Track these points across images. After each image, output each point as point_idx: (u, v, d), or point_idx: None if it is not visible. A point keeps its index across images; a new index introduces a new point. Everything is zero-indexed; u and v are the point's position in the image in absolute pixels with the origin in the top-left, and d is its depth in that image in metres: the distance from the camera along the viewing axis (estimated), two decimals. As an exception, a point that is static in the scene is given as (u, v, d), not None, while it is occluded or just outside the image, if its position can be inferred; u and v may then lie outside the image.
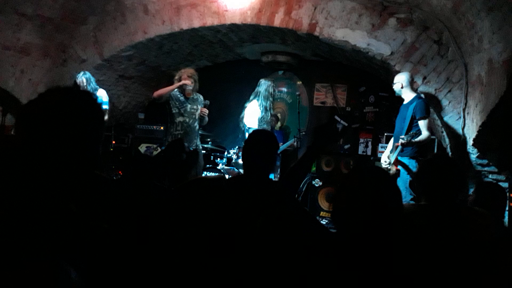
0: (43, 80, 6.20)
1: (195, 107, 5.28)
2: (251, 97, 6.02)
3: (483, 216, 2.20)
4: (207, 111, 5.31)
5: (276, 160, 2.64)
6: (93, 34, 6.32)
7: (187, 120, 5.19)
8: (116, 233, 1.17)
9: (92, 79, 5.74)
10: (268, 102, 5.90)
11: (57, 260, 0.93)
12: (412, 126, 4.46)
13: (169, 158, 2.94)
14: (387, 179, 1.57)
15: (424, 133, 4.36)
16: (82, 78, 5.60)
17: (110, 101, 6.26)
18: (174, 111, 5.16)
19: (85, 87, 5.60)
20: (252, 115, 5.87)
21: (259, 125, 5.79)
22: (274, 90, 6.02)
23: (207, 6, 5.61)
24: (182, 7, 5.75)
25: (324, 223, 5.28)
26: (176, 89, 5.17)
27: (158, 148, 6.86)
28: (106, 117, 5.79)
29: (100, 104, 1.22)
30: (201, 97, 5.41)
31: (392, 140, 5.03)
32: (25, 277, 0.88)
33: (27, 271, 0.88)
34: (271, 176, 5.53)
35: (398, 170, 4.51)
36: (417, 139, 4.27)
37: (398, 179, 4.48)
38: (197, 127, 5.34)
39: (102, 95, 5.87)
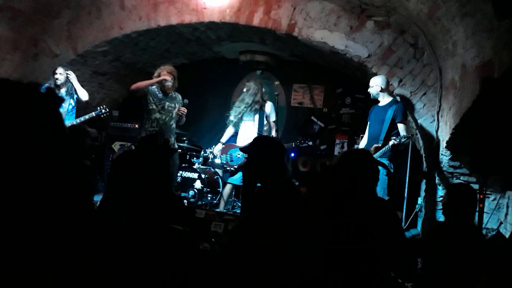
0: (13, 75, 5.98)
1: (172, 105, 5.27)
2: (241, 96, 5.86)
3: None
4: (185, 111, 5.29)
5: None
6: (67, 28, 6.14)
7: (164, 117, 5.16)
8: None
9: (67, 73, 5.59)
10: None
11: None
12: (392, 128, 4.56)
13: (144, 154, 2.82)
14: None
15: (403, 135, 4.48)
16: (63, 70, 5.45)
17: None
18: (150, 107, 5.10)
19: (60, 76, 5.46)
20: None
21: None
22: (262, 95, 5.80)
23: (185, 3, 5.55)
24: (160, 3, 5.66)
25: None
26: (155, 85, 5.12)
27: (132, 146, 6.74)
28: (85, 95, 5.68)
29: (50, 96, 1.14)
30: (180, 96, 5.40)
31: (364, 140, 5.11)
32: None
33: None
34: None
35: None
36: (405, 141, 4.40)
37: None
38: (173, 125, 5.31)
39: (82, 94, 5.71)
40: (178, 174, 6.15)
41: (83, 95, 5.68)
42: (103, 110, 5.58)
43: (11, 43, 5.85)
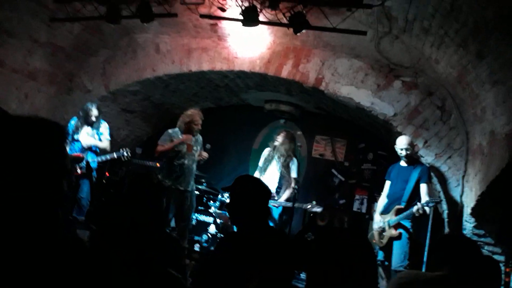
0: (45, 107, 6.20)
1: (195, 148, 5.33)
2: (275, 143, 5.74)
3: None
4: (207, 156, 5.36)
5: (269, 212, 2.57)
6: (102, 66, 6.40)
7: (186, 161, 5.25)
8: None
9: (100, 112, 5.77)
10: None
11: None
12: (416, 189, 4.48)
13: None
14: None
15: (426, 199, 4.38)
16: (94, 107, 5.61)
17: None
18: (173, 155, 5.20)
19: (94, 117, 5.61)
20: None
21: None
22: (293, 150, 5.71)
23: (218, 51, 5.74)
24: (193, 50, 5.87)
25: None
26: (179, 132, 5.28)
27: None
28: (104, 145, 5.75)
29: (62, 134, 1.23)
30: (201, 138, 5.51)
31: (382, 199, 4.98)
32: None
33: None
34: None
35: (399, 233, 4.46)
36: (431, 207, 4.30)
37: (398, 242, 4.42)
38: (195, 169, 5.41)
39: (103, 127, 5.86)
40: (194, 217, 6.11)
41: (105, 145, 5.80)
42: (125, 154, 5.67)
43: (48, 76, 6.11)
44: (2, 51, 5.39)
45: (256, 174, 5.82)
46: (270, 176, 5.62)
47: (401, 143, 4.66)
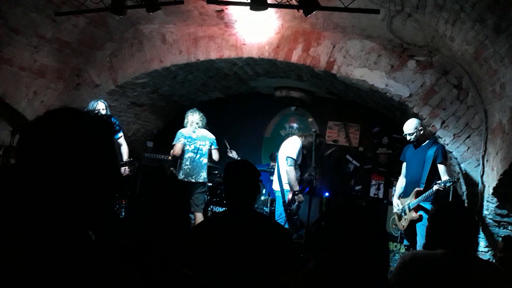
0: (55, 103, 6.17)
1: (203, 143, 5.78)
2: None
3: (499, 272, 2.08)
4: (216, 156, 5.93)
5: (259, 191, 2.57)
6: (109, 60, 6.34)
7: (194, 156, 5.69)
8: None
9: (108, 108, 5.68)
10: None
11: None
12: (433, 170, 4.37)
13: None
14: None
15: (446, 178, 4.29)
16: (99, 102, 5.51)
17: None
18: (185, 148, 5.66)
19: (102, 111, 5.52)
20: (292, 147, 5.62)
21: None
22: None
23: (225, 38, 5.63)
24: (200, 39, 5.77)
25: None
26: (187, 128, 5.78)
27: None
28: (124, 146, 5.69)
29: (114, 133, 1.08)
30: (210, 134, 5.84)
31: (401, 181, 4.89)
32: None
33: None
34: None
35: (419, 216, 4.37)
36: (450, 185, 4.21)
37: (420, 224, 4.34)
38: (204, 162, 5.74)
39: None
40: (209, 209, 6.07)
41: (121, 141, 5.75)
42: (128, 163, 5.67)
43: (56, 72, 6.08)
44: (10, 50, 5.35)
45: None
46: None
47: (407, 128, 4.58)
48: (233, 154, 6.84)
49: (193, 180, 5.58)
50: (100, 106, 5.45)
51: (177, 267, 1.99)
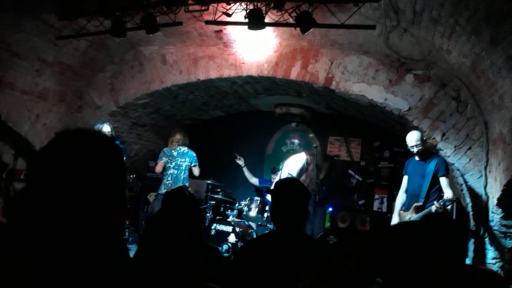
0: (57, 126, 6.22)
1: (183, 159, 6.21)
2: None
3: (494, 278, 2.05)
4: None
5: (308, 212, 2.49)
6: (110, 81, 6.41)
7: (175, 171, 6.13)
8: None
9: (113, 130, 5.76)
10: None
11: None
12: (434, 183, 4.36)
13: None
14: None
15: (448, 192, 4.27)
16: (105, 125, 5.58)
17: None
18: (167, 165, 6.16)
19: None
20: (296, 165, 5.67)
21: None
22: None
23: (225, 58, 5.70)
24: (200, 59, 5.84)
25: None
26: (172, 147, 6.27)
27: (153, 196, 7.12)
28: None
29: (122, 155, 1.08)
30: (191, 152, 6.27)
31: (401, 195, 4.88)
32: None
33: None
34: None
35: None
36: (449, 206, 4.17)
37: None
38: (183, 177, 6.17)
39: None
40: (212, 227, 6.05)
41: None
42: (131, 180, 6.02)
43: (58, 95, 6.14)
44: (12, 74, 5.42)
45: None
46: None
47: (411, 140, 4.56)
48: (241, 162, 7.07)
49: None
50: (106, 129, 5.54)
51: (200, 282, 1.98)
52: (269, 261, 2.15)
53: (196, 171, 6.31)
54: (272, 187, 2.52)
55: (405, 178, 4.90)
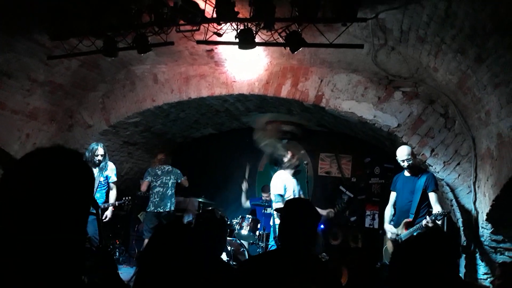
0: (47, 145, 6.16)
1: (168, 177, 6.53)
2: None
3: None
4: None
5: (317, 234, 2.49)
6: (102, 100, 6.41)
7: (161, 189, 6.43)
8: None
9: (107, 154, 5.76)
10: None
11: None
12: (424, 199, 4.40)
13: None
14: None
15: (437, 207, 4.30)
16: (99, 148, 5.56)
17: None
18: (152, 184, 6.46)
19: (100, 156, 5.56)
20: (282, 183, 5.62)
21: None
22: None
23: (216, 76, 5.76)
24: (192, 77, 5.89)
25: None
26: (155, 166, 6.64)
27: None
28: (113, 193, 5.96)
29: (91, 171, 1.13)
30: (175, 170, 6.59)
31: (388, 210, 4.91)
32: None
33: None
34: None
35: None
36: (440, 220, 4.20)
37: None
38: (169, 194, 6.46)
39: (111, 168, 5.85)
40: (204, 245, 6.00)
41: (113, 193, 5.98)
42: (126, 202, 5.97)
43: (48, 114, 6.12)
44: (2, 93, 5.40)
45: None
46: None
47: (401, 155, 4.61)
48: (244, 186, 7.00)
49: (161, 210, 6.38)
50: (100, 152, 5.54)
51: None
52: (271, 278, 2.14)
53: (185, 183, 6.65)
54: (282, 206, 2.54)
55: (393, 194, 4.94)
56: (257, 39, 4.14)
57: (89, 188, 1.08)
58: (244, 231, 5.89)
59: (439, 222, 4.30)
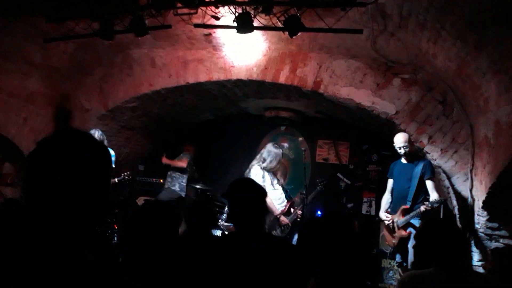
0: (45, 129, 6.16)
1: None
2: (257, 161, 5.73)
3: (492, 284, 2.10)
4: None
5: (266, 211, 2.51)
6: (99, 84, 6.37)
7: None
8: None
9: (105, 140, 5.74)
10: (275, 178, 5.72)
11: None
12: (421, 186, 4.40)
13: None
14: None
15: (434, 194, 4.32)
16: (98, 134, 5.56)
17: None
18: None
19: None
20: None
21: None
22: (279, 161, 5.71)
23: (214, 61, 5.71)
24: (189, 62, 5.84)
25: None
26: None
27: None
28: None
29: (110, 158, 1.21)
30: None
31: (386, 197, 4.93)
32: None
33: None
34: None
35: (408, 233, 4.38)
36: (436, 206, 4.22)
37: (411, 241, 4.34)
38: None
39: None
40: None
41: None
42: (126, 177, 5.83)
43: (45, 98, 6.08)
44: (-1, 77, 5.37)
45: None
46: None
47: (399, 141, 4.62)
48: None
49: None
50: (97, 135, 5.51)
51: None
52: (228, 262, 2.16)
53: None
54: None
55: (390, 181, 4.95)
56: (255, 23, 4.10)
57: (109, 162, 1.19)
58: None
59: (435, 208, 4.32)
